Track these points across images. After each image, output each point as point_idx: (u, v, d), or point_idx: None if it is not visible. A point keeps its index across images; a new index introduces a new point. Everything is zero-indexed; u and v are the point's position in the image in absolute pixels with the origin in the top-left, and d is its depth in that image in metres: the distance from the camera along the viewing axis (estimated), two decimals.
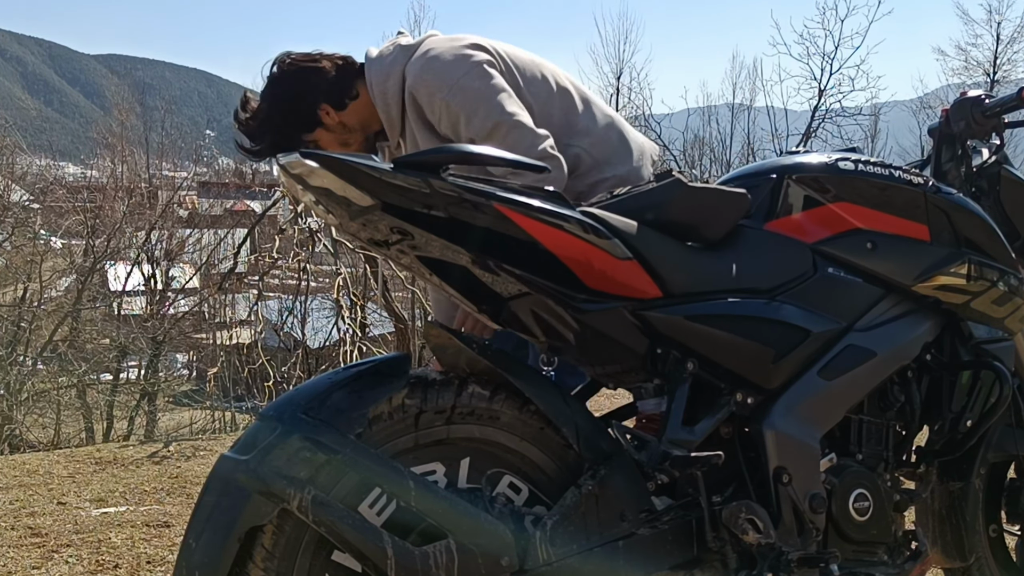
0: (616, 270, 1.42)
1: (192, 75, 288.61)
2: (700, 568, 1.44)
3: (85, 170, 26.46)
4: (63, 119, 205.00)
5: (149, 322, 14.79)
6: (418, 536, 1.28)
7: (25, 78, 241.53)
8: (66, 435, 11.87)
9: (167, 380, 15.16)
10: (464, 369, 1.44)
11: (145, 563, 2.87)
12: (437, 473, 1.39)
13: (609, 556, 1.37)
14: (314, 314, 10.60)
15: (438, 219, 1.32)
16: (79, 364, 12.84)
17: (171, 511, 3.51)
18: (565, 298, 1.40)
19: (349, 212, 1.30)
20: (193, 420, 12.65)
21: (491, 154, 1.39)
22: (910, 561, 1.61)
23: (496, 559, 1.29)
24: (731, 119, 19.29)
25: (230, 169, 27.92)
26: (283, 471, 1.24)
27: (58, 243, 17.64)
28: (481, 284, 1.43)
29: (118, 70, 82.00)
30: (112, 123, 23.74)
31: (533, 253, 1.36)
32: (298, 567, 1.29)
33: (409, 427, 1.36)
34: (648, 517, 1.41)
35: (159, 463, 4.54)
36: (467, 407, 1.39)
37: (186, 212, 21.21)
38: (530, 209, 1.35)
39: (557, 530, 1.34)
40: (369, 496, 1.29)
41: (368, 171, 1.27)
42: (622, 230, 1.43)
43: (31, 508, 3.57)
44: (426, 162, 1.32)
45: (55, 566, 2.84)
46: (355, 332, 6.71)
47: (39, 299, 14.59)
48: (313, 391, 1.35)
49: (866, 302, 1.62)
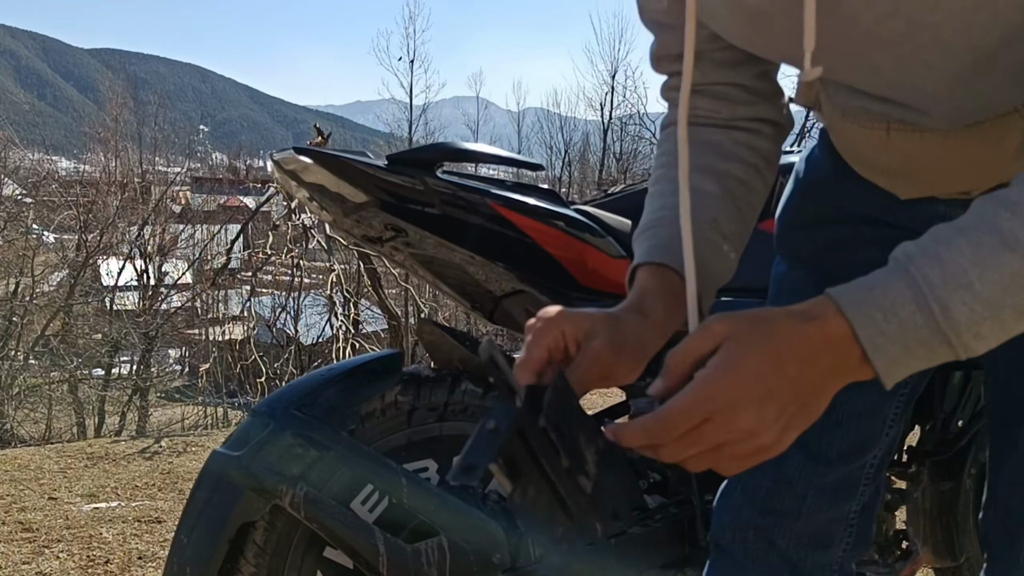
0: (610, 268, 1.42)
1: (186, 70, 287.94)
2: (691, 566, 1.44)
3: (78, 164, 26.36)
4: (56, 113, 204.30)
5: (141, 317, 14.74)
6: (410, 533, 1.28)
7: (18, 72, 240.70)
8: (57, 430, 11.84)
9: (159, 376, 15.12)
10: (457, 366, 1.44)
11: (136, 559, 2.86)
12: (430, 470, 1.39)
13: (600, 554, 1.37)
14: (307, 310, 10.59)
15: (432, 216, 1.32)
16: (71, 359, 12.81)
17: (162, 507, 3.50)
18: (559, 296, 1.40)
19: (343, 209, 1.30)
20: (185, 416, 12.62)
21: (486, 152, 1.39)
22: (901, 561, 1.62)
23: (488, 556, 1.29)
24: None
25: (224, 164, 27.89)
26: (275, 467, 1.24)
27: (50, 238, 17.59)
28: (475, 282, 1.43)
29: (112, 64, 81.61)
30: (105, 117, 23.67)
31: (527, 251, 1.37)
32: (290, 563, 1.29)
33: (402, 424, 1.36)
34: (640, 515, 1.41)
35: (151, 459, 4.53)
36: (460, 404, 1.40)
37: (179, 207, 21.15)
38: (525, 207, 1.35)
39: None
40: (361, 493, 1.29)
41: (362, 168, 1.27)
42: (616, 228, 1.44)
43: (22, 503, 3.55)
44: (420, 159, 1.32)
45: (46, 561, 2.83)
46: (348, 329, 6.71)
47: (31, 294, 14.53)
48: (306, 387, 1.34)
49: None
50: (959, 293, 0.62)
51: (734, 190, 0.90)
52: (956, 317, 0.62)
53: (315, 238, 6.79)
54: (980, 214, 0.63)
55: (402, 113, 20.69)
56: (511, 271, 1.38)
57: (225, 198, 22.57)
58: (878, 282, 0.64)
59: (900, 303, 0.63)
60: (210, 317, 16.59)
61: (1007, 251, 0.61)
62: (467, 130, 26.41)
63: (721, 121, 0.92)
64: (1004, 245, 0.61)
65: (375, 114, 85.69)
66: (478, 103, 26.85)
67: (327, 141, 5.88)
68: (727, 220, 0.88)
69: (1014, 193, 0.63)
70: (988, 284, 0.61)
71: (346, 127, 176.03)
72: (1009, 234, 0.61)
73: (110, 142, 21.25)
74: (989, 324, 0.62)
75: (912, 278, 0.63)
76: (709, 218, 0.87)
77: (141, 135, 23.17)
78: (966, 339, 0.62)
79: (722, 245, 0.87)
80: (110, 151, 21.11)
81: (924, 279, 0.63)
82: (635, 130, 19.64)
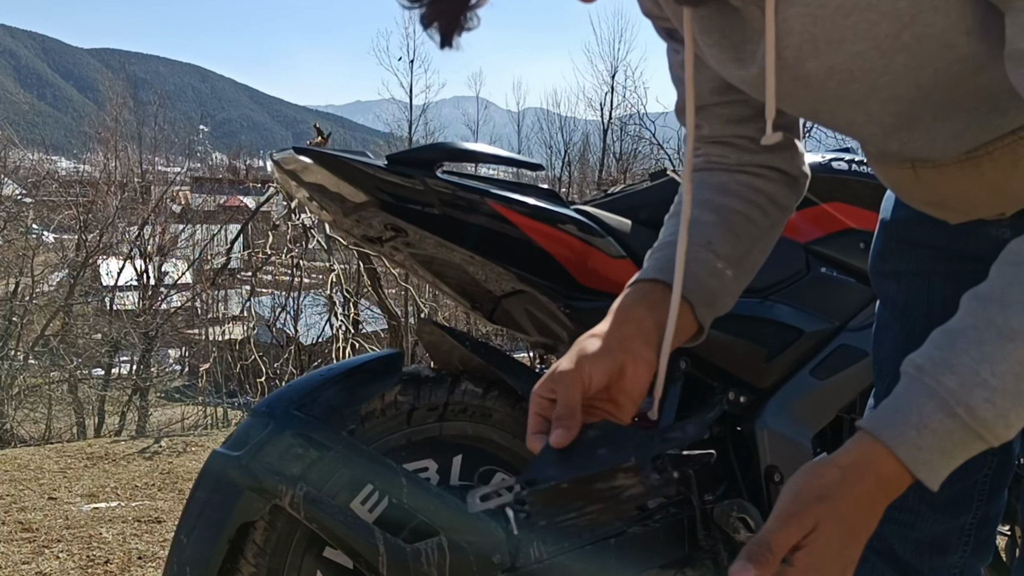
0: (609, 268, 1.42)
1: (186, 70, 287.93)
2: (691, 566, 1.44)
3: (78, 164, 26.37)
4: (56, 113, 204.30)
5: (141, 317, 14.74)
6: (410, 533, 1.28)
7: (18, 71, 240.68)
8: (57, 430, 11.84)
9: (159, 376, 15.13)
10: (457, 366, 1.44)
11: (136, 559, 2.86)
12: (429, 470, 1.39)
13: (600, 554, 1.37)
14: (307, 310, 10.59)
15: (432, 216, 1.32)
16: (71, 359, 12.81)
17: (162, 507, 3.50)
18: (559, 296, 1.40)
19: (343, 209, 1.30)
20: (185, 416, 12.62)
21: (486, 152, 1.39)
22: None
23: (488, 557, 1.29)
24: None
25: (223, 164, 27.89)
26: (275, 467, 1.24)
27: (50, 237, 17.59)
28: (475, 282, 1.43)
29: (112, 64, 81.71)
30: (105, 117, 23.65)
31: (527, 251, 1.37)
32: (289, 563, 1.29)
33: (401, 424, 1.36)
34: (640, 515, 1.41)
35: (150, 459, 4.53)
36: (460, 404, 1.40)
37: (179, 207, 21.15)
38: (524, 207, 1.35)
39: (549, 528, 1.34)
40: (361, 493, 1.29)
41: (362, 168, 1.27)
42: (616, 228, 1.44)
43: (22, 503, 3.55)
44: (420, 159, 1.32)
45: (45, 561, 2.83)
46: (348, 329, 6.71)
47: (31, 294, 14.54)
48: (305, 387, 1.34)
49: (859, 302, 1.62)
50: (977, 391, 0.67)
51: (730, 219, 0.98)
52: (982, 415, 0.68)
53: (315, 238, 6.79)
54: (972, 313, 0.70)
55: (402, 113, 20.70)
56: (511, 271, 1.38)
57: (225, 198, 22.56)
58: (901, 403, 0.71)
59: (928, 415, 0.69)
60: (210, 317, 16.60)
61: (1008, 342, 0.67)
62: (467, 130, 26.41)
63: (730, 166, 1.01)
64: (1003, 337, 0.67)
65: (375, 114, 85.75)
66: (478, 103, 26.85)
67: (327, 141, 5.88)
68: (721, 242, 0.96)
69: (996, 286, 0.70)
70: (1001, 377, 0.67)
71: (346, 127, 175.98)
72: (1005, 326, 0.67)
73: (110, 142, 21.25)
74: (1014, 412, 0.68)
75: (931, 389, 0.69)
76: (704, 241, 0.96)
77: (141, 135, 23.17)
78: (997, 431, 0.68)
79: (716, 263, 0.96)
80: (110, 151, 21.10)
81: (941, 387, 0.68)
82: (635, 130, 19.62)
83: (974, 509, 1.15)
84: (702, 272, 0.95)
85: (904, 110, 0.83)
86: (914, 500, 1.13)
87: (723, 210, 0.98)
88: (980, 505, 1.15)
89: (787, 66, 0.81)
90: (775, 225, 1.02)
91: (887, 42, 0.75)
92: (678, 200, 1.01)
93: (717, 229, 0.97)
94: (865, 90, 0.80)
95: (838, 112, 0.86)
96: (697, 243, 0.95)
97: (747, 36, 0.86)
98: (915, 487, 1.13)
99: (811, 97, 0.84)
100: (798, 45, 0.79)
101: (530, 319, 1.46)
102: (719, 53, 0.89)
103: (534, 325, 1.47)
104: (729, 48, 0.87)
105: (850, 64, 0.78)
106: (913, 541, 1.15)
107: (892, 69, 0.77)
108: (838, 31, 0.76)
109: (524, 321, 1.47)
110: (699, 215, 0.97)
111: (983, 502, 1.15)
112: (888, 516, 1.14)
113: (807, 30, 0.77)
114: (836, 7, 0.74)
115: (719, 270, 0.96)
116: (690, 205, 0.94)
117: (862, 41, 0.75)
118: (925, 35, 0.74)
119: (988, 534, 1.18)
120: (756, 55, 0.84)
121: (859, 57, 0.77)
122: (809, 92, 0.83)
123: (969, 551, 1.17)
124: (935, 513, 1.14)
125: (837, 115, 0.87)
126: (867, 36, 0.75)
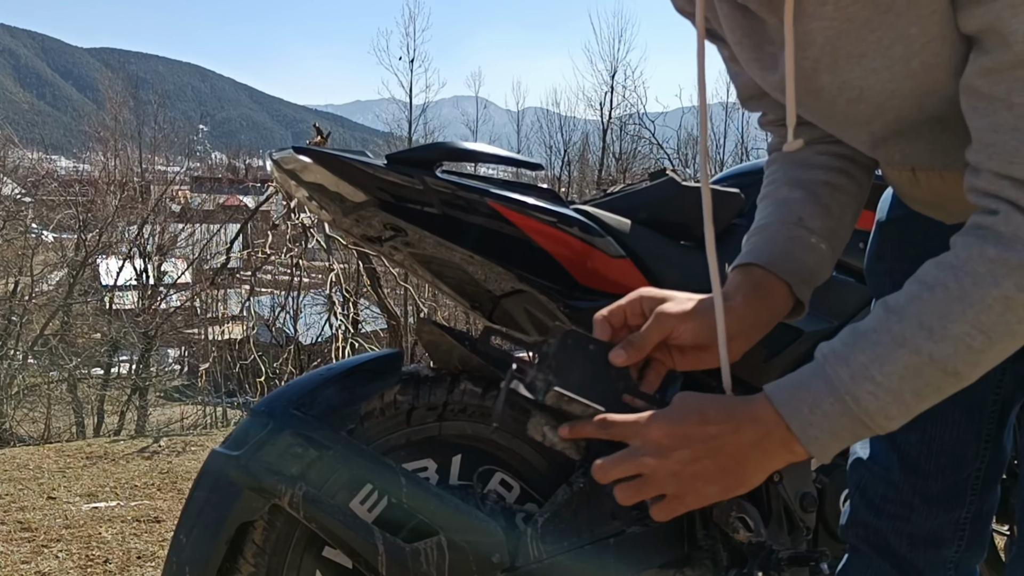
0: (609, 268, 1.42)
1: (186, 69, 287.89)
2: (690, 566, 1.44)
3: (77, 164, 26.37)
4: (55, 112, 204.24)
5: (141, 317, 14.75)
6: (409, 533, 1.28)
7: (17, 71, 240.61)
8: (56, 429, 11.84)
9: (158, 375, 15.12)
10: (456, 366, 1.44)
11: (135, 558, 2.86)
12: (429, 470, 1.39)
13: (600, 554, 1.37)
14: (306, 310, 10.60)
15: (432, 216, 1.32)
16: (70, 358, 12.81)
17: (161, 506, 3.51)
18: (558, 295, 1.40)
19: (342, 208, 1.30)
20: (184, 415, 12.63)
21: (485, 151, 1.39)
22: None
23: (487, 556, 1.29)
24: (725, 118, 19.34)
25: (223, 164, 27.87)
26: (274, 467, 1.24)
27: (50, 237, 17.58)
28: (474, 281, 1.43)
29: (111, 63, 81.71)
30: (105, 117, 23.65)
31: (527, 250, 1.36)
32: (289, 563, 1.29)
33: (401, 424, 1.36)
34: (639, 515, 1.41)
35: (150, 458, 4.53)
36: (459, 404, 1.39)
37: (178, 207, 21.15)
38: (524, 206, 1.35)
39: (548, 527, 1.34)
40: (360, 492, 1.29)
41: (361, 167, 1.27)
42: (615, 228, 1.44)
43: (21, 503, 3.55)
44: (420, 159, 1.32)
45: (45, 561, 2.83)
46: (347, 328, 6.71)
47: (30, 293, 14.54)
48: (305, 387, 1.34)
49: (858, 302, 1.62)
50: (865, 385, 0.78)
51: (818, 191, 1.01)
52: (865, 405, 0.78)
53: (314, 237, 6.79)
54: (877, 319, 0.80)
55: (402, 113, 20.69)
56: (510, 271, 1.38)
57: (224, 197, 22.58)
58: (803, 382, 0.81)
59: (821, 398, 0.79)
60: (209, 317, 16.60)
61: (899, 348, 0.77)
62: (466, 130, 26.39)
63: (807, 141, 1.03)
64: (896, 343, 0.78)
65: (375, 114, 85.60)
66: (477, 103, 26.82)
67: (327, 141, 5.88)
68: (812, 216, 1.00)
69: (901, 299, 0.79)
70: (887, 376, 0.77)
71: (346, 127, 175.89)
72: (898, 334, 0.78)
73: (109, 141, 21.25)
74: (895, 407, 0.78)
75: (829, 377, 0.80)
76: (795, 218, 1.00)
77: (140, 134, 23.16)
78: (879, 420, 0.79)
79: (809, 238, 0.99)
80: (109, 150, 21.10)
81: (837, 376, 0.79)
82: (634, 130, 19.61)
83: (968, 503, 1.17)
84: (796, 249, 0.98)
85: (907, 128, 0.88)
86: (909, 494, 1.16)
87: (810, 184, 1.01)
88: (974, 499, 1.18)
89: (804, 76, 0.85)
90: (862, 187, 1.05)
91: (899, 65, 0.79)
92: (767, 181, 1.06)
93: (806, 204, 1.00)
94: (871, 112, 0.85)
95: (844, 129, 0.93)
96: (788, 221, 0.99)
97: (767, 38, 0.89)
98: (911, 483, 1.15)
99: (821, 110, 0.89)
100: (817, 57, 0.83)
101: (530, 319, 1.46)
102: (741, 52, 0.93)
103: (534, 325, 1.47)
104: (751, 48, 0.91)
105: (862, 82, 0.82)
106: (908, 535, 1.17)
107: (899, 94, 0.82)
108: (860, 46, 0.79)
109: (523, 321, 1.47)
110: (788, 193, 1.01)
111: (976, 496, 1.18)
112: (883, 510, 1.18)
113: (829, 43, 0.81)
114: (864, 21, 0.78)
115: (813, 244, 0.99)
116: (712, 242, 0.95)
117: (880, 58, 0.79)
118: (932, 64, 0.79)
119: (982, 528, 1.20)
120: (778, 61, 0.88)
121: (873, 75, 0.81)
122: (819, 104, 0.88)
123: (964, 545, 1.19)
124: (929, 507, 1.16)
125: (844, 131, 0.94)
126: (886, 54, 0.79)
